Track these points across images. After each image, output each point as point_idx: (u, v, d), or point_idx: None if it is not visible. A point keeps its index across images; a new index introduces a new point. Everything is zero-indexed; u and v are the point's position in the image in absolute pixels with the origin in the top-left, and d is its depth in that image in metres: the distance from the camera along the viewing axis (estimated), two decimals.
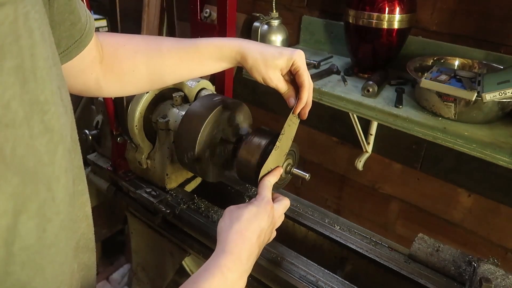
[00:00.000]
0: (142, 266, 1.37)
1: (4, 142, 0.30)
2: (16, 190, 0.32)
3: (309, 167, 1.77)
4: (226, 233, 0.63)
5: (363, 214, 1.70)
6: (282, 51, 0.73)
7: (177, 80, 0.78)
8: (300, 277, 0.87)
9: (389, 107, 1.13)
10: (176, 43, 0.74)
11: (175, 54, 0.73)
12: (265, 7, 1.59)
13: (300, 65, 0.73)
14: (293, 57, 0.72)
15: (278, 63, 0.72)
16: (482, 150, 1.00)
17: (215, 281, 0.56)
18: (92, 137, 1.23)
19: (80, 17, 0.54)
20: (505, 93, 0.94)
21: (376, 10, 1.16)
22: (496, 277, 0.83)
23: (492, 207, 1.34)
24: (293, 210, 1.07)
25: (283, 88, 0.76)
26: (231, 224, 0.64)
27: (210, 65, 0.76)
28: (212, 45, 0.74)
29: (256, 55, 0.72)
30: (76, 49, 0.57)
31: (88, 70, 0.65)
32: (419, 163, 1.44)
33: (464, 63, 1.20)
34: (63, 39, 0.53)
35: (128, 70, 0.71)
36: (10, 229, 0.32)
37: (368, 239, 0.99)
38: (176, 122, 1.01)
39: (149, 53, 0.72)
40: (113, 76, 0.70)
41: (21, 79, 0.32)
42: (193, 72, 0.77)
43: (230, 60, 0.75)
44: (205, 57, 0.74)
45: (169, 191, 1.12)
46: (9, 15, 0.30)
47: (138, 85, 0.75)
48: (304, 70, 0.73)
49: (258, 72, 0.73)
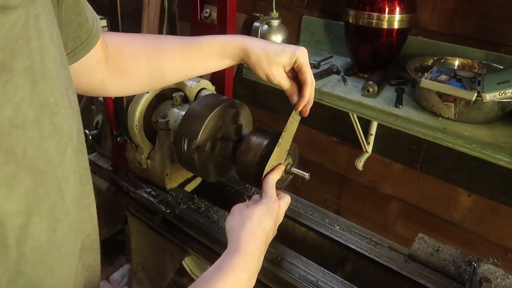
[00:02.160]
0: (142, 266, 1.37)
1: (16, 143, 0.31)
2: (28, 191, 0.32)
3: (309, 167, 1.77)
4: (239, 232, 0.63)
5: (363, 214, 1.70)
6: (285, 48, 0.73)
7: (180, 78, 0.78)
8: (300, 277, 0.87)
9: (389, 107, 1.13)
10: (179, 41, 0.74)
11: (178, 52, 0.73)
12: (265, 7, 1.59)
13: (303, 62, 0.73)
14: (296, 54, 0.72)
15: (281, 60, 0.72)
16: (482, 150, 1.00)
17: (229, 281, 0.55)
18: (92, 137, 1.23)
19: (87, 18, 0.54)
20: (505, 93, 0.94)
21: (376, 10, 1.16)
22: (496, 277, 0.83)
23: (492, 207, 1.34)
24: (293, 210, 1.07)
25: (286, 85, 0.76)
26: (243, 223, 0.64)
27: (213, 63, 0.75)
28: (215, 42, 0.73)
29: (259, 52, 0.72)
30: (83, 50, 0.57)
31: (93, 70, 0.65)
32: (419, 163, 1.44)
33: (464, 63, 1.20)
34: (70, 40, 0.54)
35: (133, 69, 0.71)
36: (22, 229, 0.32)
37: (368, 239, 0.99)
38: (176, 122, 1.01)
39: (153, 52, 0.72)
40: (118, 75, 0.70)
41: (32, 81, 0.32)
42: (196, 70, 0.76)
43: (233, 57, 0.74)
44: (208, 54, 0.73)
45: (169, 191, 1.12)
46: (21, 18, 0.30)
47: (142, 84, 0.75)
48: (307, 67, 0.73)
49: (261, 69, 0.73)
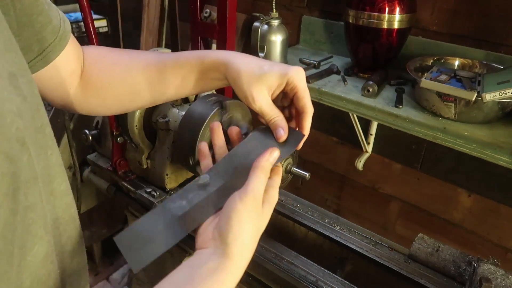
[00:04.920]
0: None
1: None
2: None
3: (309, 167, 1.77)
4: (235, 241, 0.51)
5: (363, 214, 1.70)
6: (275, 65, 0.57)
7: (156, 98, 0.67)
8: (300, 277, 0.87)
9: (389, 107, 1.13)
10: (158, 55, 0.65)
11: (154, 66, 0.64)
12: (265, 7, 1.59)
13: (297, 84, 0.56)
14: (289, 73, 0.56)
15: (265, 79, 0.56)
16: (482, 150, 1.00)
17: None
18: (92, 137, 1.23)
19: (50, 18, 0.52)
20: (505, 93, 0.94)
21: (376, 10, 1.16)
22: (496, 277, 0.83)
23: (492, 207, 1.34)
24: (293, 210, 1.07)
25: (268, 113, 0.58)
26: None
27: (191, 80, 0.63)
28: (193, 55, 0.63)
29: (240, 67, 0.57)
30: (52, 53, 0.53)
31: (66, 84, 0.61)
32: (419, 163, 1.44)
33: (464, 63, 1.20)
34: (35, 42, 0.51)
35: (105, 82, 0.63)
36: None
37: (368, 239, 0.99)
38: (176, 122, 1.01)
39: (128, 65, 0.64)
40: (91, 89, 0.64)
41: None
42: (174, 90, 0.65)
43: (215, 74, 0.62)
44: (185, 69, 0.62)
45: (169, 191, 1.12)
46: None
47: (115, 101, 0.67)
48: (304, 91, 0.57)
49: (239, 88, 0.57)
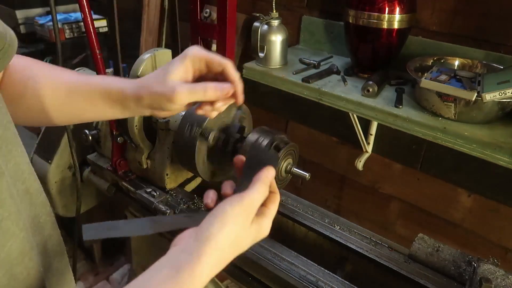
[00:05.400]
0: (142, 266, 1.37)
1: None
2: None
3: (309, 167, 1.77)
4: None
5: (363, 214, 1.70)
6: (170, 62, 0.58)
7: (67, 119, 0.65)
8: (300, 277, 0.87)
9: (389, 107, 1.13)
10: (76, 76, 0.63)
11: (66, 85, 0.62)
12: (265, 7, 1.59)
13: (200, 55, 0.57)
14: (187, 53, 0.57)
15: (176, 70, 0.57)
16: (482, 150, 1.00)
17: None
18: (92, 137, 1.23)
19: None
20: (505, 93, 0.94)
21: (376, 10, 1.16)
22: (496, 277, 0.83)
23: (492, 207, 1.34)
24: (293, 210, 1.07)
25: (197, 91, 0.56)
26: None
27: (100, 108, 0.62)
28: (105, 78, 0.62)
29: (150, 74, 0.59)
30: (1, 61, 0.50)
31: None
32: (419, 163, 1.44)
33: (464, 63, 1.20)
34: None
35: (17, 95, 0.61)
36: None
37: (368, 239, 0.99)
38: (176, 122, 1.01)
39: (40, 81, 0.61)
40: (8, 101, 0.60)
41: None
42: (84, 113, 0.64)
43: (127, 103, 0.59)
44: (95, 93, 0.61)
45: (169, 191, 1.12)
46: None
47: (27, 116, 0.64)
48: (209, 55, 0.57)
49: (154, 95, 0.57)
